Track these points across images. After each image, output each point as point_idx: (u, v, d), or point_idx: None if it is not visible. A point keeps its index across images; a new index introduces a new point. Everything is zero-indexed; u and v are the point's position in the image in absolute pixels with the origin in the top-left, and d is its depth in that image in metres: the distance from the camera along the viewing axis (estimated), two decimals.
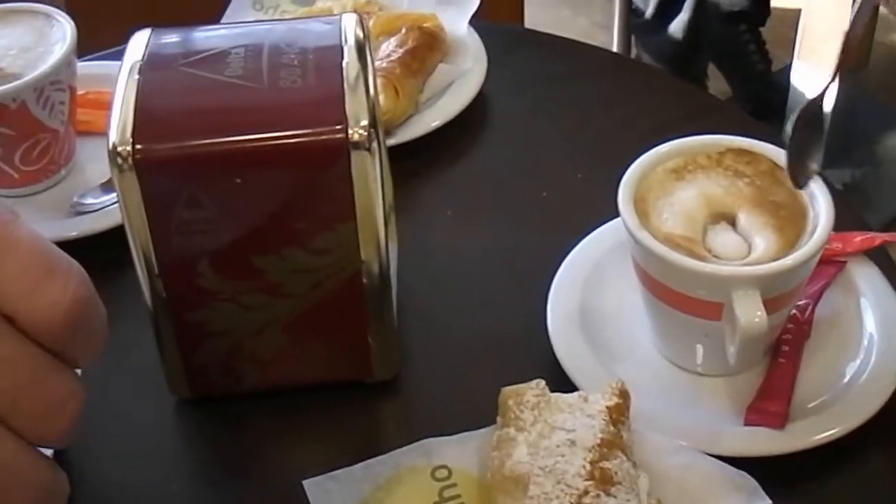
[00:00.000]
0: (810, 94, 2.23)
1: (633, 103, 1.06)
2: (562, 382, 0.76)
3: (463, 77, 1.01)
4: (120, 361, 0.82)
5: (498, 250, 0.90)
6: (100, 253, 0.88)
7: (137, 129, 0.66)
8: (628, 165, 0.77)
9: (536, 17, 2.02)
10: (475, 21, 1.08)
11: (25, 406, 0.50)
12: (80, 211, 0.91)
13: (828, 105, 2.14)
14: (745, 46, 2.54)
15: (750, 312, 0.69)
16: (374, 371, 0.78)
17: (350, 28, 0.72)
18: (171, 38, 0.74)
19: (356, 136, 0.66)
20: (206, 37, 0.74)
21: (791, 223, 0.73)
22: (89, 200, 0.92)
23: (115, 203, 0.91)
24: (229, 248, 0.70)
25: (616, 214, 0.82)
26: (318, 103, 0.68)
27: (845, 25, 0.68)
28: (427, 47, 1.00)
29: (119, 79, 0.69)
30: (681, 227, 0.73)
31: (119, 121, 0.67)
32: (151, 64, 0.70)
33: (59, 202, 0.94)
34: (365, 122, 0.66)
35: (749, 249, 0.73)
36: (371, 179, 0.68)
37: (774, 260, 0.70)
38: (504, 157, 1.00)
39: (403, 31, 1.01)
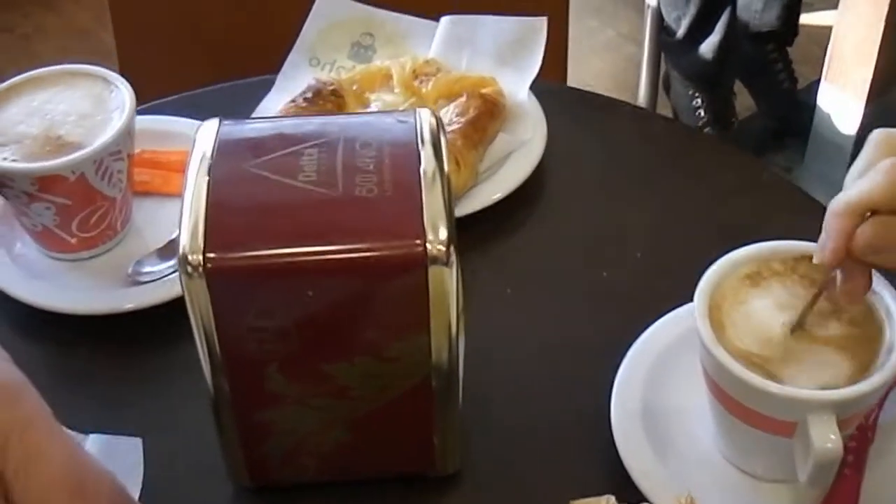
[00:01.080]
0: (836, 116, 2.23)
1: (692, 174, 1.04)
2: (620, 477, 0.76)
3: (523, 147, 1.00)
4: (180, 439, 0.82)
5: (558, 335, 0.89)
6: (158, 324, 0.88)
7: (209, 237, 0.65)
8: (688, 245, 0.75)
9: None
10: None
11: None
12: (137, 281, 0.90)
13: (852, 128, 2.15)
14: (773, 66, 2.54)
15: (824, 436, 0.68)
16: (435, 466, 0.77)
17: (426, 127, 0.71)
18: (241, 130, 0.73)
19: (435, 251, 0.65)
20: (278, 131, 0.72)
21: (866, 339, 0.72)
22: (147, 269, 0.91)
23: (173, 273, 0.90)
24: (298, 354, 0.69)
25: (677, 302, 0.82)
26: (396, 215, 0.66)
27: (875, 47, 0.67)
28: (488, 116, 0.99)
29: (188, 177, 0.68)
30: (756, 342, 0.72)
31: (189, 227, 0.65)
32: (221, 163, 0.69)
33: (115, 267, 0.93)
34: (444, 236, 0.65)
35: (824, 365, 0.71)
36: (447, 292, 0.66)
37: (850, 381, 0.69)
38: (563, 232, 0.99)
39: (464, 98, 1.00)
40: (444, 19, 1.10)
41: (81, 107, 0.90)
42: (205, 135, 0.71)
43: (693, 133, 1.11)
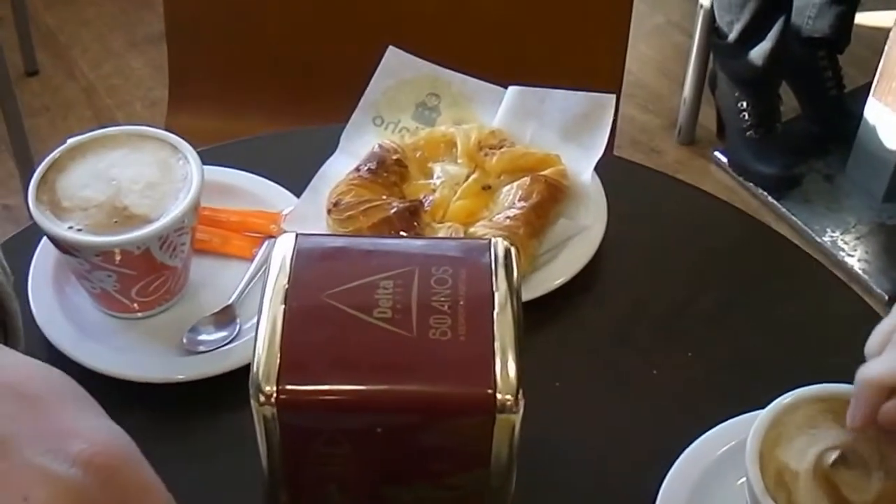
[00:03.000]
0: (881, 130, 2.22)
1: (752, 268, 1.04)
2: None
3: (582, 233, 1.00)
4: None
5: (604, 437, 0.90)
6: (213, 393, 0.89)
7: (282, 370, 0.65)
8: (741, 346, 0.75)
9: None
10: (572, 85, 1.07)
11: None
12: (191, 350, 0.91)
13: None
14: (822, 72, 2.53)
15: None
16: None
17: (501, 265, 0.71)
18: (317, 249, 0.73)
19: (504, 401, 0.65)
20: (354, 253, 0.73)
21: None
22: (202, 337, 0.92)
23: (227, 344, 0.91)
24: (360, 479, 0.70)
25: (727, 408, 0.82)
26: (467, 360, 0.67)
27: None
28: (551, 201, 0.99)
29: (264, 300, 0.68)
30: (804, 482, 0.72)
31: (264, 357, 0.66)
32: (297, 290, 0.69)
33: (171, 329, 0.94)
34: (513, 386, 0.66)
35: None
36: (512, 435, 0.67)
37: None
38: (614, 324, 0.99)
39: (528, 180, 0.99)
40: (512, 89, 1.09)
41: (148, 174, 0.90)
42: (281, 251, 0.71)
43: (757, 224, 1.10)
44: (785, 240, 1.08)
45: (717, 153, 2.61)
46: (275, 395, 0.65)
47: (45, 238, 0.93)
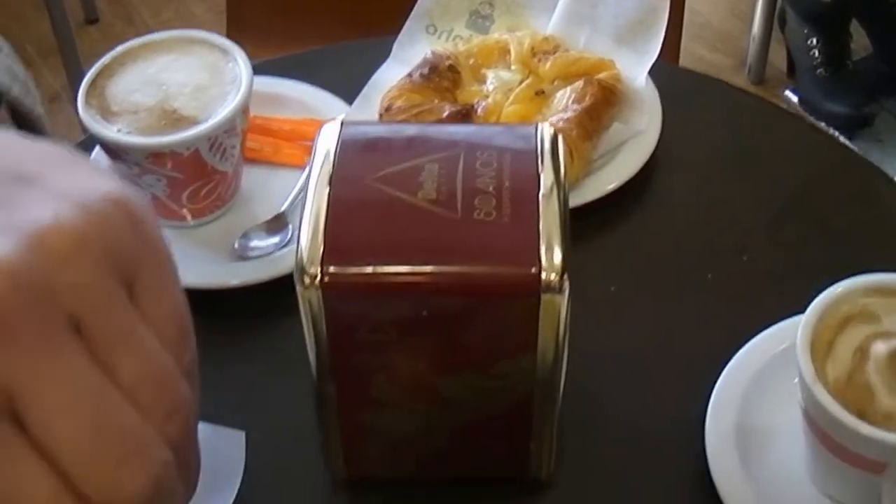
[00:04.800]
0: None
1: (811, 176, 1.03)
2: (710, 493, 0.76)
3: (636, 137, 0.98)
4: (281, 423, 0.83)
5: (659, 340, 0.89)
6: (264, 299, 0.89)
7: (327, 252, 0.65)
8: (799, 252, 0.73)
9: None
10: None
11: None
12: (242, 256, 0.91)
13: None
14: (892, 9, 2.48)
15: None
16: (530, 471, 0.77)
17: (546, 146, 0.70)
18: (362, 135, 0.72)
19: (549, 280, 0.65)
20: (399, 139, 0.72)
21: None
22: (253, 244, 0.91)
23: (279, 250, 0.91)
24: (407, 366, 0.70)
25: (782, 311, 0.82)
26: (512, 240, 0.66)
27: None
28: (604, 104, 0.97)
29: (309, 186, 0.68)
30: (855, 381, 0.71)
31: (308, 238, 0.65)
32: (342, 173, 0.68)
33: (222, 237, 0.93)
34: (559, 265, 0.65)
35: None
36: (558, 319, 0.66)
37: None
38: (671, 229, 0.98)
39: (581, 83, 0.98)
40: None
41: (198, 78, 0.90)
42: (326, 138, 0.71)
43: (818, 132, 1.08)
44: (844, 148, 1.06)
45: (787, 92, 2.57)
46: (319, 277, 0.65)
47: (95, 151, 0.93)
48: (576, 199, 0.94)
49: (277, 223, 0.93)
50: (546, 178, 0.68)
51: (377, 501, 0.79)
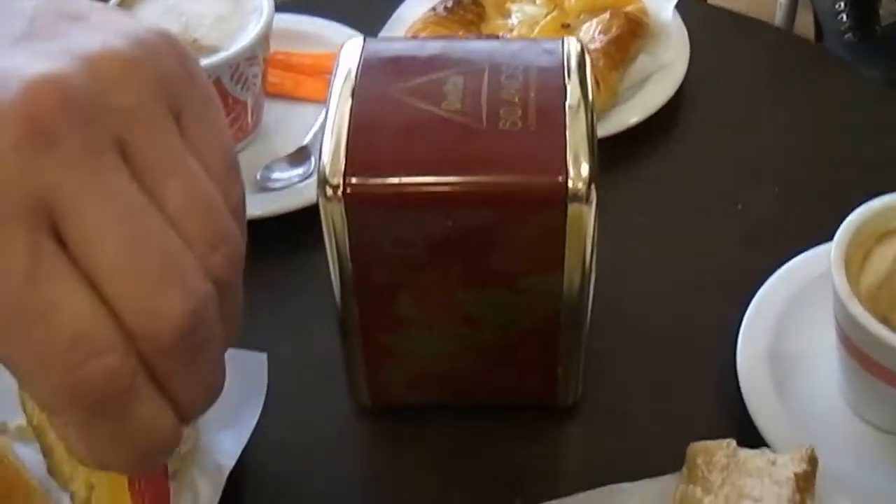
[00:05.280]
0: None
1: (840, 108, 1.01)
2: (742, 419, 0.74)
3: (663, 69, 0.97)
4: (303, 351, 0.82)
5: (688, 268, 0.88)
6: (286, 231, 0.88)
7: (350, 161, 0.64)
8: (830, 183, 0.72)
9: None
10: None
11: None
12: (265, 187, 0.90)
13: None
14: None
15: None
16: (557, 397, 0.76)
17: (573, 59, 0.69)
18: (385, 50, 0.71)
19: (575, 188, 0.63)
20: (422, 54, 0.71)
21: None
22: (276, 175, 0.91)
23: (302, 181, 0.90)
24: (431, 281, 0.69)
25: (813, 241, 0.81)
26: (539, 149, 0.65)
27: None
28: (631, 35, 0.96)
29: (331, 98, 0.67)
30: (890, 295, 0.70)
31: (331, 149, 0.64)
32: (365, 85, 0.67)
33: (244, 169, 0.90)
34: (586, 174, 0.63)
35: None
36: (585, 230, 0.65)
37: None
38: (700, 160, 0.96)
39: (607, 15, 0.97)
40: None
41: (218, 9, 0.89)
42: (349, 54, 0.70)
43: (845, 65, 1.06)
44: (874, 84, 1.05)
45: None
46: (342, 189, 0.64)
47: None
48: (603, 130, 0.92)
49: (300, 156, 0.92)
50: (572, 90, 0.67)
51: (401, 429, 0.78)
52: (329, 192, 0.64)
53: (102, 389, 0.37)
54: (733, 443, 0.70)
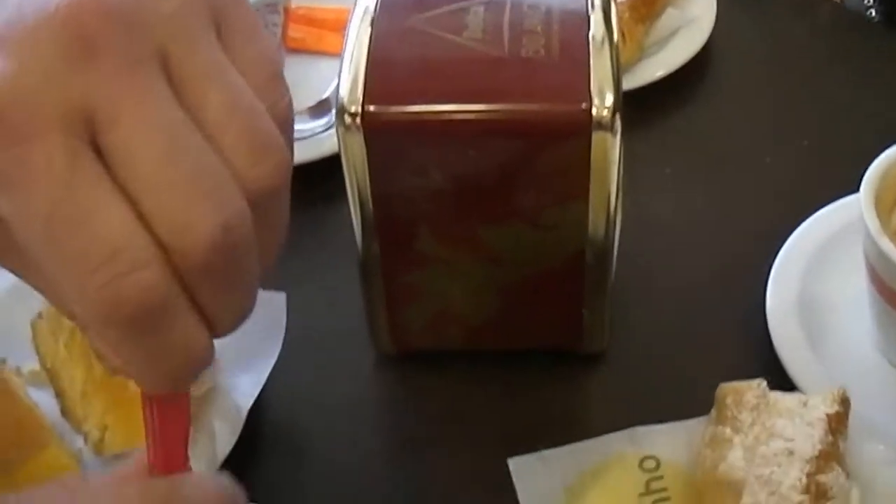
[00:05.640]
0: None
1: (865, 70, 1.00)
2: (773, 366, 0.73)
3: (690, 24, 0.96)
4: (323, 301, 0.81)
5: (716, 219, 0.86)
6: (307, 183, 0.86)
7: (368, 89, 0.63)
8: (855, 140, 0.71)
9: None
10: None
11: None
12: None
13: None
14: None
15: None
16: (583, 343, 0.75)
17: None
18: None
19: (600, 116, 0.62)
20: None
21: None
22: (297, 126, 0.89)
23: (324, 131, 0.89)
24: (452, 216, 0.68)
25: (840, 193, 0.80)
26: (562, 78, 0.64)
27: None
28: None
29: (350, 27, 0.66)
30: None
31: (349, 78, 0.63)
32: (384, 16, 0.66)
33: None
34: (610, 102, 0.62)
35: None
36: (610, 160, 0.64)
37: None
38: (727, 115, 0.95)
39: None
40: None
41: None
42: None
43: (872, 26, 1.05)
44: None
45: None
46: (360, 115, 0.63)
47: None
48: (629, 84, 0.89)
49: (321, 108, 0.91)
50: (596, 20, 0.66)
51: (422, 376, 0.77)
52: (347, 120, 0.63)
53: (138, 305, 0.36)
54: (763, 383, 0.68)
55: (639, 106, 0.89)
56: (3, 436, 0.67)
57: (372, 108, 0.63)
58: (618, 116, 0.62)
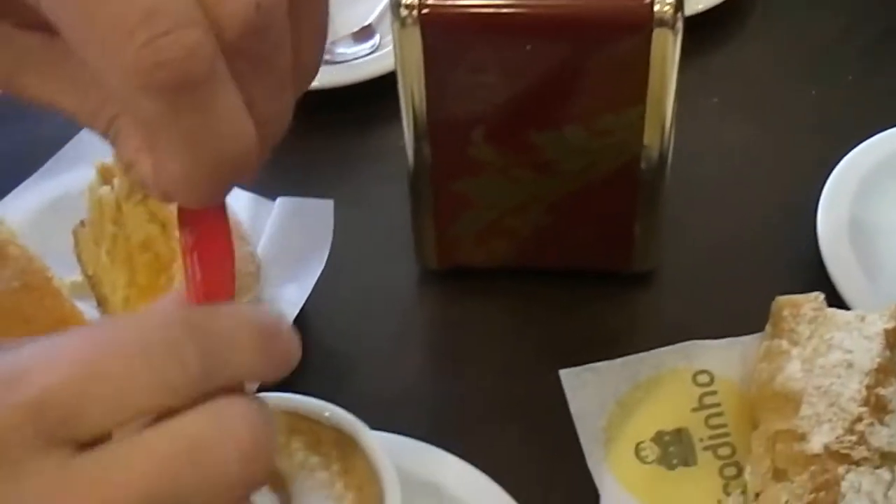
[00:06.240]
0: None
1: None
2: (824, 290, 0.70)
3: None
4: (369, 218, 0.80)
5: (764, 146, 0.85)
6: (351, 105, 0.86)
7: None
8: None
9: None
10: None
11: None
12: (330, 61, 0.88)
13: None
14: None
15: None
16: (633, 261, 0.74)
17: None
18: None
19: (662, 12, 0.61)
20: None
21: None
22: (341, 50, 0.89)
23: (367, 54, 0.88)
24: (508, 118, 0.66)
25: (886, 125, 0.80)
26: None
27: None
28: None
29: None
30: None
31: None
32: None
33: None
34: None
35: None
36: (669, 61, 0.63)
37: None
38: (774, 47, 0.94)
39: None
40: None
41: None
42: None
43: None
44: None
45: None
46: (417, 10, 0.62)
47: None
48: None
49: (365, 33, 0.91)
50: None
51: (467, 293, 0.76)
52: (404, 13, 0.62)
53: (180, 66, 0.33)
54: (821, 296, 0.67)
55: (688, 34, 0.88)
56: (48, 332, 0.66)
57: (429, 0, 0.61)
58: (680, 15, 0.61)
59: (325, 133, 0.86)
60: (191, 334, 0.36)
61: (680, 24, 0.61)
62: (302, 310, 0.69)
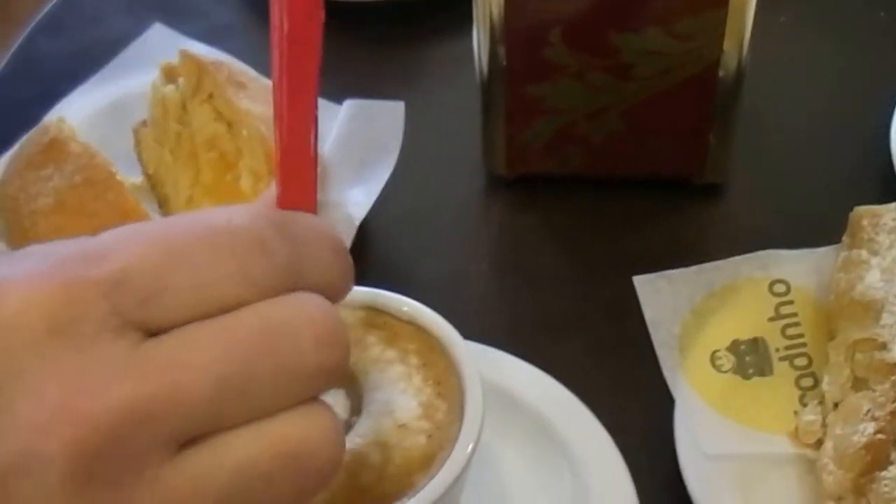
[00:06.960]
0: None
1: None
2: None
3: None
4: (438, 126, 0.78)
5: (833, 63, 0.84)
6: (419, 16, 0.84)
7: None
8: None
9: None
10: None
11: None
12: None
13: None
14: None
15: None
16: (705, 171, 0.72)
17: None
18: None
19: None
20: None
21: None
22: None
23: None
24: (586, 18, 0.65)
25: None
26: None
27: None
28: None
29: None
30: None
31: None
32: None
33: None
34: None
35: None
36: None
37: None
38: None
39: None
40: None
41: None
42: None
43: None
44: None
45: None
46: None
47: None
48: None
49: None
50: None
51: (537, 202, 0.74)
52: None
53: None
54: None
55: None
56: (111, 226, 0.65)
57: None
58: None
59: (394, 42, 0.85)
60: (279, 231, 0.35)
61: None
62: (366, 216, 0.67)
